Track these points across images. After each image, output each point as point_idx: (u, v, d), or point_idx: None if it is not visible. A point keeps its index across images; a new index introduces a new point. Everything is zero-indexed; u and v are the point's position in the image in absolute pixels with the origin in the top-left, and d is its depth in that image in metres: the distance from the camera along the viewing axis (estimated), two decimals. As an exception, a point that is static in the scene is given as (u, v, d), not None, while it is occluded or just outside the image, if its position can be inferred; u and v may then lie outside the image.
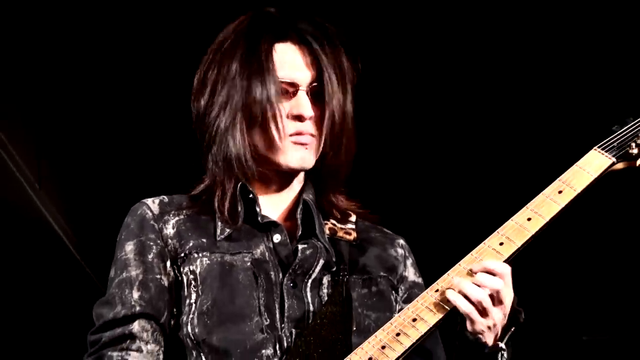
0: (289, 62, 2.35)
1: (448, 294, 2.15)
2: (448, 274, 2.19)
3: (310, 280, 2.32)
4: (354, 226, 2.45)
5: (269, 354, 2.24)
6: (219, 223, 2.35)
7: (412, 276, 2.47)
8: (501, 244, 2.18)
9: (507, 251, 2.18)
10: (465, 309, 2.14)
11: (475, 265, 2.16)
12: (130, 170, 4.40)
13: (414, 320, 2.16)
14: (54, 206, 4.77)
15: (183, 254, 2.33)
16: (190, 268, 2.31)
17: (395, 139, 4.31)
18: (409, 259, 2.49)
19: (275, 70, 2.32)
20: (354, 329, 2.28)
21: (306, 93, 2.34)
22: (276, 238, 2.34)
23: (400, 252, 2.47)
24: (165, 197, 2.42)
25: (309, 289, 2.31)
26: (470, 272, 2.16)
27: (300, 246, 2.34)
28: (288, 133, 2.33)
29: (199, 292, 2.29)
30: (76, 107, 4.46)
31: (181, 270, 2.32)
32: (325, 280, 2.33)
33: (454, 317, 2.18)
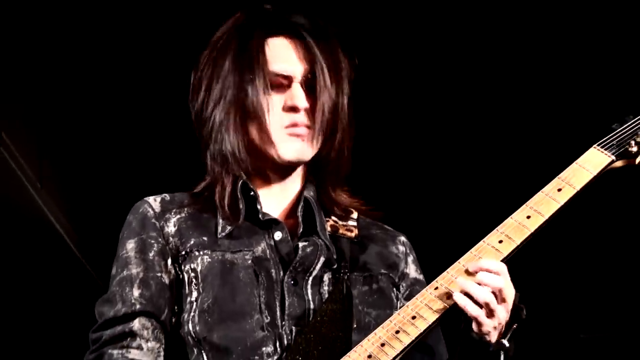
0: (282, 56, 2.35)
1: (456, 297, 2.14)
2: (447, 271, 2.19)
3: (311, 278, 2.32)
4: (355, 223, 2.45)
5: (269, 351, 2.24)
6: (220, 220, 2.36)
7: (414, 273, 2.47)
8: (500, 241, 2.18)
9: (507, 249, 2.17)
10: (474, 312, 2.13)
11: (471, 265, 2.16)
12: (131, 170, 4.41)
13: (414, 318, 2.16)
14: (56, 205, 4.78)
15: (184, 252, 2.33)
16: (191, 266, 2.32)
17: (396, 137, 4.31)
18: (410, 255, 2.49)
19: (267, 64, 2.33)
20: (354, 326, 2.28)
21: (300, 85, 2.35)
22: (277, 235, 2.35)
23: (401, 249, 2.48)
24: (167, 195, 2.42)
25: (309, 286, 2.31)
26: (468, 272, 2.16)
27: (301, 244, 2.34)
28: (283, 125, 2.33)
29: (200, 290, 2.29)
30: (77, 108, 4.46)
31: (182, 268, 2.33)
32: (326, 278, 2.33)
33: (455, 315, 2.17)
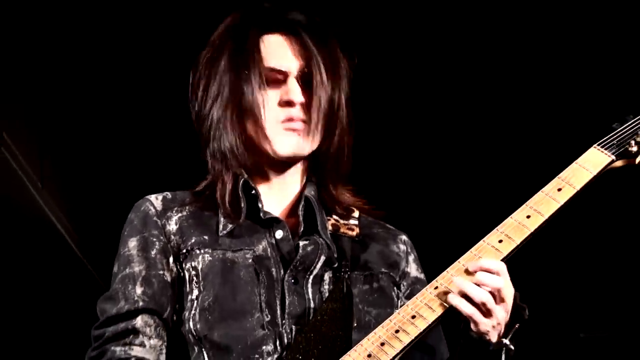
0: (277, 52, 2.37)
1: (450, 297, 2.14)
2: (447, 271, 2.19)
3: (311, 277, 2.32)
4: (356, 222, 2.45)
5: (270, 350, 2.25)
6: (222, 219, 2.36)
7: (415, 272, 2.47)
8: (500, 241, 2.18)
9: (506, 249, 2.17)
10: (468, 311, 2.13)
11: (471, 265, 2.16)
12: (132, 170, 4.41)
13: (413, 317, 2.16)
14: (56, 205, 4.78)
15: (185, 250, 2.34)
16: (192, 264, 2.32)
17: (397, 136, 4.32)
18: (411, 254, 2.49)
19: (262, 61, 2.35)
20: (354, 325, 2.28)
21: (296, 80, 2.36)
22: (278, 234, 2.35)
23: (402, 248, 2.48)
24: (168, 194, 2.43)
25: (310, 285, 2.32)
26: (468, 272, 2.16)
27: (301, 242, 2.34)
28: (279, 120, 2.34)
29: (201, 288, 2.30)
30: (78, 108, 4.47)
31: (183, 266, 2.33)
32: (326, 277, 2.34)
33: (456, 314, 2.17)
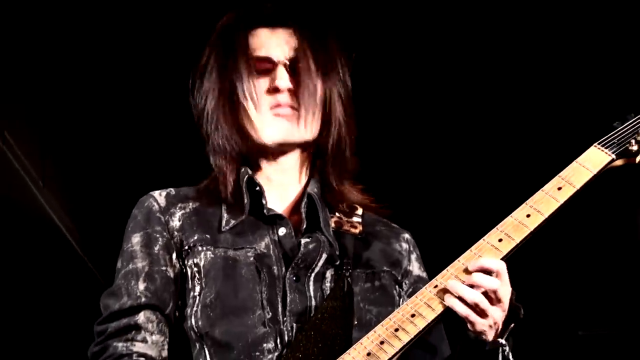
0: (266, 42, 2.40)
1: (446, 298, 2.16)
2: (447, 270, 2.20)
3: (313, 275, 2.33)
4: (360, 219, 2.46)
5: (270, 347, 2.26)
6: (225, 214, 2.38)
7: (417, 271, 2.48)
8: (500, 240, 2.19)
9: (506, 248, 2.18)
10: (463, 312, 2.15)
11: (471, 264, 2.16)
12: (133, 169, 4.41)
13: (413, 316, 2.17)
14: (58, 204, 4.78)
15: (187, 247, 2.35)
16: (195, 261, 2.33)
17: (399, 135, 4.31)
18: (414, 253, 2.50)
19: (251, 51, 2.39)
20: (355, 323, 2.29)
21: (285, 68, 2.38)
22: (281, 231, 2.36)
23: (404, 247, 2.49)
24: (172, 190, 2.45)
25: (311, 283, 2.32)
26: (467, 271, 2.16)
27: (303, 240, 2.35)
28: (268, 107, 2.37)
29: (203, 285, 2.31)
30: (79, 108, 4.47)
31: (186, 262, 2.35)
32: (328, 274, 2.34)
33: (455, 313, 2.17)
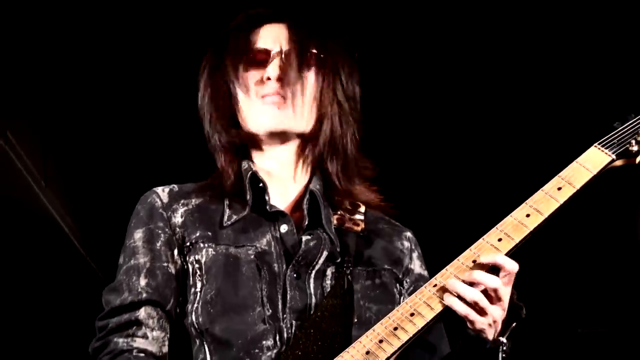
0: (261, 37, 2.43)
1: (445, 297, 2.16)
2: (446, 269, 2.20)
3: (313, 272, 2.33)
4: (362, 217, 2.46)
5: (269, 344, 2.26)
6: (227, 210, 2.39)
7: (418, 269, 2.48)
8: (499, 239, 2.19)
9: (505, 247, 2.18)
10: (462, 311, 2.15)
11: (485, 257, 2.15)
12: (134, 169, 4.42)
13: (412, 315, 2.18)
14: (60, 204, 4.79)
15: (189, 243, 2.36)
16: (196, 257, 2.34)
17: (399, 135, 4.32)
18: (415, 251, 2.51)
19: (245, 45, 2.41)
20: (355, 321, 2.29)
21: (279, 59, 2.40)
22: (283, 228, 2.37)
23: (406, 245, 2.49)
24: (175, 186, 2.46)
25: (312, 280, 2.33)
26: (467, 269, 2.16)
27: (304, 237, 2.36)
28: (260, 95, 2.40)
29: (204, 282, 2.32)
30: (81, 108, 4.48)
31: (187, 259, 2.36)
32: (329, 272, 2.35)
33: (454, 312, 2.17)
